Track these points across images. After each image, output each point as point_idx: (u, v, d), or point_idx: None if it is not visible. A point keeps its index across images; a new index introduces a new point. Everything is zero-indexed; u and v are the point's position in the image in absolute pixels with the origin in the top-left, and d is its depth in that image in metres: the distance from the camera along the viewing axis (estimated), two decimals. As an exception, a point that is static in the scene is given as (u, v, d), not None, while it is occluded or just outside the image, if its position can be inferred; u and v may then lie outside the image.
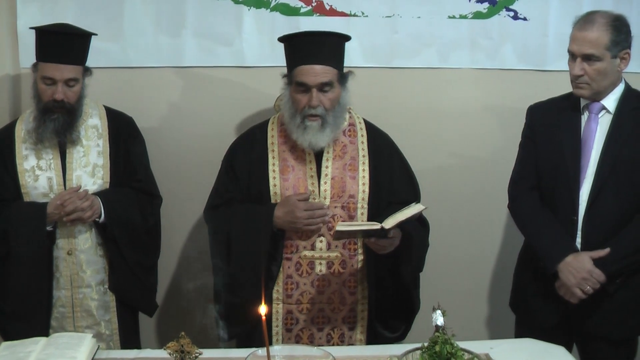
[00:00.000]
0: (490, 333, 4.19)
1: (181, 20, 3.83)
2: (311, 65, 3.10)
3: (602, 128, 3.13)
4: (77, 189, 3.32)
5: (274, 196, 3.21)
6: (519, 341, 3.06)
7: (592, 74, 3.04)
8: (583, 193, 3.12)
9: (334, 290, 3.25)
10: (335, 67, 3.15)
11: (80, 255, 3.38)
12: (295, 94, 3.14)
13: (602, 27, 3.00)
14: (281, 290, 3.23)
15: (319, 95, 3.10)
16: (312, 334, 3.26)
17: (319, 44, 3.13)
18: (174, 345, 2.37)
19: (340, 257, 3.23)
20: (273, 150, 3.25)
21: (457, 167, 4.06)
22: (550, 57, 3.97)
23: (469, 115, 4.02)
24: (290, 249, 3.21)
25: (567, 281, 3.07)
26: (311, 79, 3.09)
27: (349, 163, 3.25)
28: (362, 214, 3.24)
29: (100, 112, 3.50)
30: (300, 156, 3.24)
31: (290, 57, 3.19)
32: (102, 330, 3.44)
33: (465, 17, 3.92)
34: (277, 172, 3.22)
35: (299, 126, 3.14)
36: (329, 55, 3.14)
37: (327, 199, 3.21)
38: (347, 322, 3.29)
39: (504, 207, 3.44)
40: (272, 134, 3.29)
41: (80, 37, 3.35)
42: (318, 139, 3.15)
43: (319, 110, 3.11)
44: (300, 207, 3.13)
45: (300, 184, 3.21)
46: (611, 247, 3.05)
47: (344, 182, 3.22)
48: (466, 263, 4.14)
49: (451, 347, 2.34)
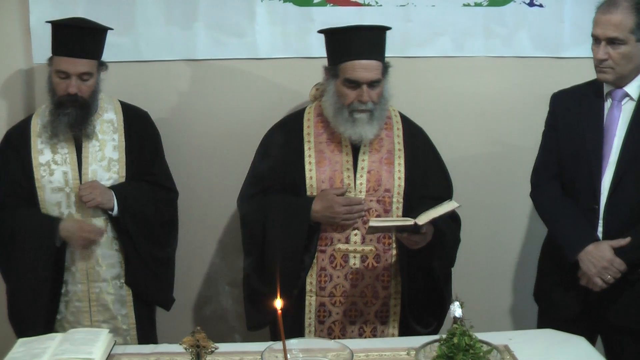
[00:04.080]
0: (512, 324, 4.17)
1: (193, 12, 3.81)
2: (361, 61, 3.08)
3: (625, 115, 3.09)
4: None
5: (310, 188, 3.20)
6: (538, 332, 3.05)
7: (616, 58, 3.00)
8: (605, 181, 3.08)
9: (367, 284, 3.23)
10: (382, 61, 3.15)
11: (96, 249, 3.39)
12: (344, 88, 3.12)
13: (626, 9, 2.96)
14: (314, 282, 3.22)
15: (368, 91, 3.10)
16: (344, 327, 3.26)
17: (367, 39, 3.11)
18: (189, 340, 2.36)
19: (374, 251, 3.21)
20: (309, 141, 3.24)
21: (473, 156, 4.03)
22: (566, 44, 3.92)
23: (484, 104, 3.99)
24: (324, 241, 3.20)
25: (587, 270, 3.04)
26: (362, 75, 3.08)
27: (385, 157, 3.24)
28: (397, 209, 3.22)
29: (115, 107, 3.49)
30: (337, 148, 3.22)
31: (336, 51, 3.16)
32: (119, 324, 3.45)
33: (480, 5, 3.88)
34: (314, 163, 3.21)
35: (348, 119, 3.13)
36: (377, 50, 3.13)
37: (362, 192, 3.19)
38: (380, 317, 3.28)
39: (523, 196, 3.41)
40: (309, 124, 3.27)
41: (95, 32, 3.34)
42: (367, 132, 3.15)
43: (369, 105, 3.11)
44: (339, 202, 3.13)
45: (337, 177, 3.20)
46: (632, 236, 3.01)
47: (380, 176, 3.21)
48: (486, 253, 4.11)
49: (469, 338, 2.33)
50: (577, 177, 3.16)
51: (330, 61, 3.21)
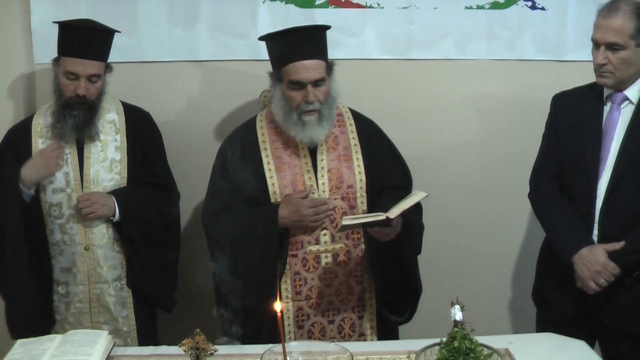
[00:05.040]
0: (511, 327, 4.16)
1: (195, 13, 3.81)
2: (302, 61, 3.08)
3: (624, 119, 3.08)
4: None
5: (273, 194, 3.20)
6: (539, 336, 3.05)
7: (616, 63, 2.99)
8: (601, 185, 3.08)
9: (342, 281, 3.24)
10: (324, 60, 3.15)
11: (97, 250, 3.39)
12: (289, 91, 3.13)
13: (627, 14, 2.95)
14: (290, 288, 3.21)
15: (313, 91, 3.10)
16: (323, 327, 3.25)
17: (306, 39, 3.12)
18: (189, 342, 2.36)
19: (345, 248, 3.22)
20: (266, 149, 3.24)
21: (475, 159, 4.02)
22: (569, 47, 3.92)
23: (487, 106, 3.98)
24: (295, 245, 3.20)
25: (581, 273, 3.05)
26: (305, 75, 3.09)
27: (342, 154, 3.25)
28: (362, 203, 3.23)
29: (117, 107, 3.49)
30: (294, 152, 3.23)
31: (277, 55, 3.17)
32: (119, 326, 3.45)
33: (483, 8, 3.88)
34: (273, 169, 3.21)
35: (297, 123, 3.13)
36: (318, 49, 3.14)
37: (326, 192, 3.20)
38: (357, 312, 3.28)
39: (524, 199, 3.40)
40: (262, 132, 3.28)
41: (105, 33, 3.35)
42: (318, 133, 3.15)
43: (315, 105, 3.11)
44: (305, 204, 3.13)
45: (298, 180, 3.20)
46: (627, 241, 3.01)
47: (340, 173, 3.22)
48: (486, 256, 4.11)
49: (470, 342, 2.33)
50: (575, 180, 3.15)
51: (273, 66, 3.21)
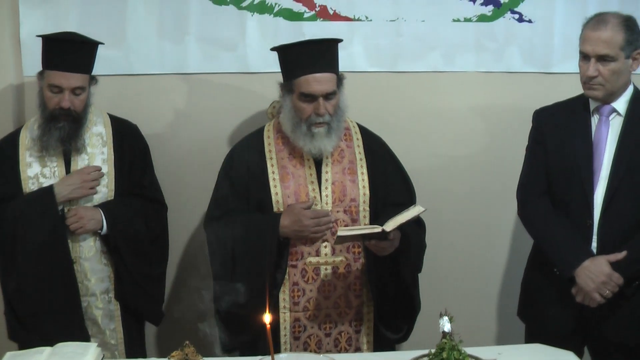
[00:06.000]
0: (499, 338, 4.16)
1: (184, 26, 3.81)
2: (315, 74, 3.11)
3: (614, 130, 3.10)
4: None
5: (277, 204, 3.20)
6: (527, 347, 3.04)
7: (607, 75, 3.01)
8: (597, 196, 3.08)
9: (340, 294, 3.24)
10: (335, 73, 3.18)
11: (85, 263, 3.37)
12: (300, 103, 3.15)
13: (616, 26, 2.98)
14: (287, 299, 3.21)
15: (324, 103, 3.12)
16: (319, 340, 3.25)
17: (319, 52, 3.15)
18: (178, 354, 2.36)
19: (345, 261, 3.22)
20: (271, 158, 3.25)
21: (463, 170, 4.03)
22: (556, 59, 3.95)
23: (475, 118, 4.00)
24: (295, 256, 3.20)
25: (585, 286, 3.02)
26: (317, 88, 3.11)
27: (347, 167, 3.26)
28: (364, 217, 3.24)
29: (104, 120, 3.49)
30: (300, 162, 3.24)
31: (289, 67, 3.19)
32: (107, 339, 3.43)
33: (470, 20, 3.90)
34: (278, 179, 3.22)
35: (306, 134, 3.15)
36: (330, 62, 3.17)
37: (329, 204, 3.21)
38: (354, 325, 3.28)
39: (511, 211, 3.41)
40: (269, 142, 3.29)
41: (88, 46, 3.35)
42: (326, 145, 3.17)
43: (326, 117, 3.14)
44: (307, 215, 3.14)
45: (302, 191, 3.21)
46: (628, 250, 3.01)
47: (344, 187, 3.23)
48: (474, 267, 4.11)
49: (459, 353, 2.34)
50: (569, 194, 3.15)
51: (285, 77, 3.23)
